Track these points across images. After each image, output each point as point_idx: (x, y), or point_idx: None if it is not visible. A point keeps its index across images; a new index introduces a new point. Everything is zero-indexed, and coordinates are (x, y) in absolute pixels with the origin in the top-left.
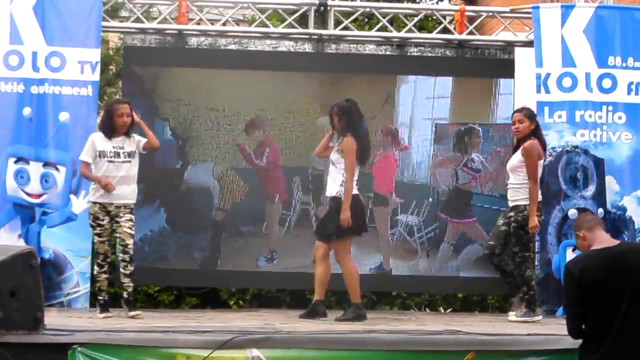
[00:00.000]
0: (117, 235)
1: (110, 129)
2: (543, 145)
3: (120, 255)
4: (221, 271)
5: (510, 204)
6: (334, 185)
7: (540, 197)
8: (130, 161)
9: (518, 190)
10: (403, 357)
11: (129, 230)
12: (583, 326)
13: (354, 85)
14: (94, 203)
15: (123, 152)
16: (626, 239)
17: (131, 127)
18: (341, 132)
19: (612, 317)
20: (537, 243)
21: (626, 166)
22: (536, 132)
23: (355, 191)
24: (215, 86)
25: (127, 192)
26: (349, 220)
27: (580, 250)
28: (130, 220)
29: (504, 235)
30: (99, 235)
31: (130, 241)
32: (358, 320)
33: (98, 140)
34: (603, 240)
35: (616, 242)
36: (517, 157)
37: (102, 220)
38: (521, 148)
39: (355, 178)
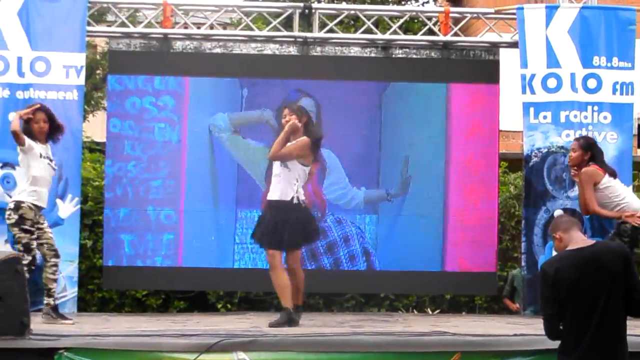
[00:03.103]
0: (44, 241)
1: (32, 134)
2: (609, 170)
3: (53, 260)
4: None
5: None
6: (277, 189)
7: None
8: (55, 169)
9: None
10: (389, 358)
11: (51, 235)
12: (560, 327)
13: None
14: (31, 208)
15: (52, 159)
16: None
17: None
18: (298, 134)
19: (588, 317)
20: (523, 244)
21: (612, 166)
22: (594, 160)
23: (302, 197)
24: None
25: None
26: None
27: (557, 252)
28: (48, 226)
29: None
30: (39, 238)
31: (56, 245)
32: (290, 324)
33: (34, 144)
34: (578, 240)
35: (591, 242)
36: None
37: (35, 223)
38: (573, 175)
39: (302, 183)
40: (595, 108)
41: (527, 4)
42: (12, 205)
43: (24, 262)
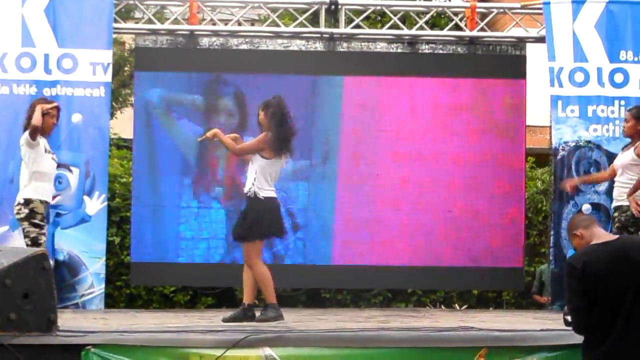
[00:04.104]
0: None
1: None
2: None
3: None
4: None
5: (615, 204)
6: (248, 182)
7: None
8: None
9: (625, 189)
10: (415, 354)
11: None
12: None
13: None
14: (42, 202)
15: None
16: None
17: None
18: (264, 128)
19: (616, 311)
20: (551, 238)
21: None
22: None
23: (272, 193)
24: None
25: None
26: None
27: (577, 249)
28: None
29: None
30: (45, 234)
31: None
32: (276, 320)
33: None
34: (602, 235)
35: (615, 236)
36: (629, 155)
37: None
38: (635, 147)
39: (274, 180)
40: (622, 102)
41: None
42: (21, 201)
43: None
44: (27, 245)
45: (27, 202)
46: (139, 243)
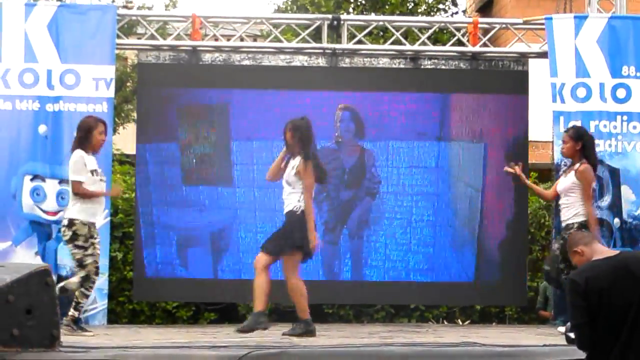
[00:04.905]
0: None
1: (90, 144)
2: (593, 164)
3: (93, 277)
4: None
5: (563, 224)
6: (290, 202)
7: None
8: (105, 180)
9: (570, 209)
10: None
11: (99, 252)
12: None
13: None
14: (84, 223)
15: (101, 172)
16: None
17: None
18: (294, 151)
19: (619, 326)
20: None
21: None
22: (584, 152)
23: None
24: None
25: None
26: (315, 242)
27: (578, 266)
28: (99, 242)
29: (558, 260)
30: (92, 255)
31: (94, 273)
32: (307, 335)
33: (87, 157)
34: (603, 251)
35: (616, 252)
36: (570, 179)
37: (89, 238)
38: (576, 170)
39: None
40: (625, 118)
41: (555, 14)
42: (65, 222)
43: (78, 276)
44: (75, 266)
45: (70, 223)
46: (141, 258)
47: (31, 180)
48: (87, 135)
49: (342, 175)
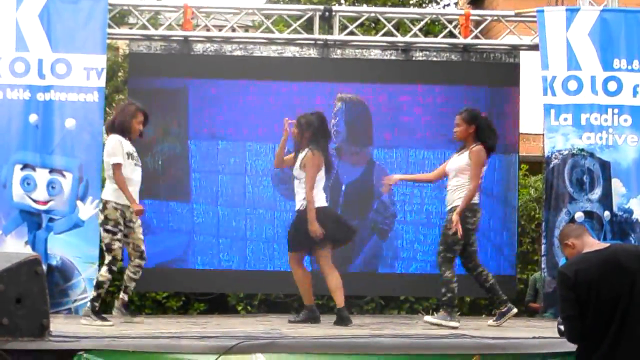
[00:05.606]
0: (130, 240)
1: (128, 131)
2: (488, 148)
3: (137, 260)
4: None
5: (449, 207)
6: (299, 199)
7: (477, 200)
8: (141, 166)
9: (456, 192)
10: None
11: (141, 236)
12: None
13: None
14: (116, 207)
15: (137, 156)
16: (633, 241)
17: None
18: (304, 145)
19: (609, 319)
20: (543, 246)
21: (632, 169)
22: (478, 135)
23: (324, 202)
24: None
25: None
26: (317, 232)
27: (569, 258)
28: (140, 225)
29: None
30: (119, 240)
31: (143, 247)
32: (312, 322)
33: (124, 141)
34: (593, 244)
35: (606, 244)
36: (464, 159)
37: (122, 224)
38: (470, 151)
39: (321, 189)
40: (616, 111)
41: (547, 6)
42: (100, 206)
43: (105, 265)
44: (103, 250)
45: (103, 207)
46: None
47: (21, 169)
48: (126, 121)
49: (336, 197)
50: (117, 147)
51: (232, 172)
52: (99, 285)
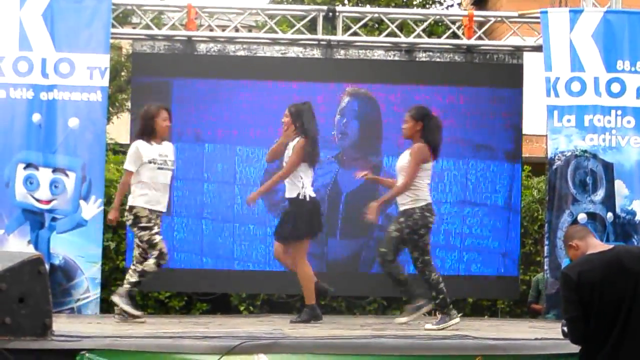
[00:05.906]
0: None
1: (154, 132)
2: (433, 147)
3: (165, 251)
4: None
5: (400, 208)
6: (291, 188)
7: (429, 200)
8: (172, 169)
9: (406, 194)
10: None
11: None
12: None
13: None
14: (144, 208)
15: (169, 160)
16: (636, 243)
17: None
18: (294, 135)
19: (612, 320)
20: (546, 247)
21: (635, 170)
22: (424, 134)
23: (311, 193)
24: None
25: (166, 202)
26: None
27: (573, 260)
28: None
29: (396, 242)
30: (158, 233)
31: (166, 249)
32: (314, 320)
33: (143, 147)
34: (597, 245)
35: (610, 246)
36: (406, 157)
37: (155, 219)
38: (412, 148)
39: (310, 180)
40: (619, 112)
41: (551, 7)
42: (127, 207)
43: (151, 257)
44: (144, 249)
45: (130, 208)
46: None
47: (24, 168)
48: (148, 124)
49: (336, 205)
50: (134, 155)
51: (219, 180)
52: (142, 274)
